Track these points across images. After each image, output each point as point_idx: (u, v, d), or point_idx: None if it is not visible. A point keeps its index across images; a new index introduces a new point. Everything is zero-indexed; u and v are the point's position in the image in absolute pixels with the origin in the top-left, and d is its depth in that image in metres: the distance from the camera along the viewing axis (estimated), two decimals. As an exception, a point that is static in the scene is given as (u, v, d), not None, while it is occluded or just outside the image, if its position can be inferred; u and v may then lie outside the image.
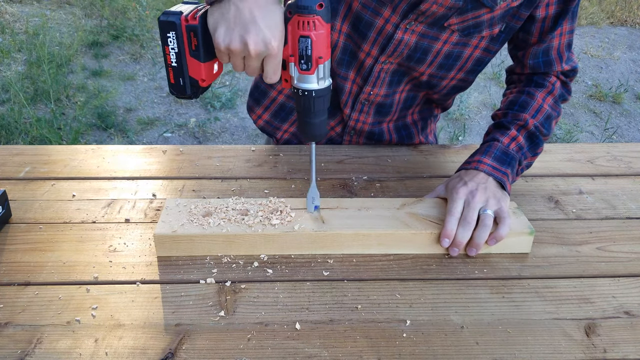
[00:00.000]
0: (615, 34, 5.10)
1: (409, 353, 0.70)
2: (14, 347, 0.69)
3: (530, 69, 1.05)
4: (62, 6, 4.89)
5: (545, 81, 1.04)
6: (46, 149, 1.15)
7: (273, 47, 0.71)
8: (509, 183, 0.93)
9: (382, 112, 1.15)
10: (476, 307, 0.78)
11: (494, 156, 0.95)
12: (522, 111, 1.00)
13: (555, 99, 1.04)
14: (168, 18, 0.72)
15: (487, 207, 0.87)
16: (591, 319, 0.76)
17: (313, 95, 0.74)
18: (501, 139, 0.97)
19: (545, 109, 1.01)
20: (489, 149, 0.96)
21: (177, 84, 0.77)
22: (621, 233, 0.94)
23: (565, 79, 1.06)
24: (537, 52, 1.03)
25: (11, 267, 0.82)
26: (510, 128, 0.99)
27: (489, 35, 1.00)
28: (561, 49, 1.03)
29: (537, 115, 1.00)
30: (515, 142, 0.97)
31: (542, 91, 1.02)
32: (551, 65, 1.04)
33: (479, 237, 0.85)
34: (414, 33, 0.98)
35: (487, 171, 0.92)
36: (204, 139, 3.23)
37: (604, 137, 3.48)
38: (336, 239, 0.86)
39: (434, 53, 1.01)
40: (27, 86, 3.50)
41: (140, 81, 3.80)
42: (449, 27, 0.97)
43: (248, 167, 1.10)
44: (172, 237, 0.83)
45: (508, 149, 0.96)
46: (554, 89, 1.04)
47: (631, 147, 1.23)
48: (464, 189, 0.89)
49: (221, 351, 0.69)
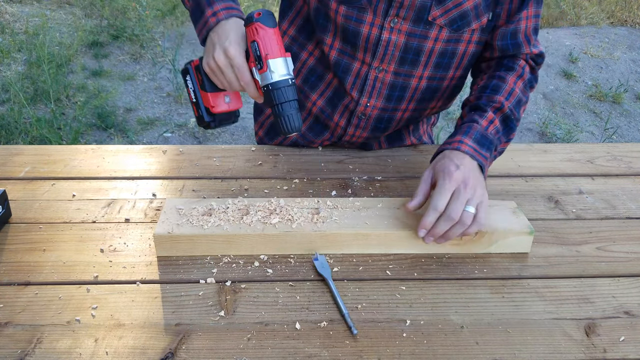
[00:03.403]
0: (615, 34, 5.10)
1: (409, 353, 0.70)
2: (14, 346, 0.69)
3: (500, 51, 1.03)
4: (62, 6, 4.89)
5: (515, 64, 1.03)
6: (46, 149, 1.15)
7: (231, 53, 0.85)
8: (487, 168, 0.92)
9: (379, 127, 1.12)
10: (476, 307, 0.78)
11: (474, 138, 0.92)
12: (495, 94, 0.98)
13: (525, 84, 1.02)
14: (184, 66, 0.94)
15: (471, 202, 0.83)
16: (591, 319, 0.76)
17: (270, 88, 0.84)
18: (480, 121, 0.94)
19: (517, 92, 0.99)
20: (469, 130, 0.93)
21: (198, 115, 0.95)
22: (621, 233, 0.94)
23: (534, 64, 1.06)
24: (506, 34, 1.01)
25: (11, 267, 0.82)
26: (487, 110, 0.96)
27: (479, 27, 0.99)
28: (528, 32, 1.02)
29: (509, 98, 0.98)
30: (493, 125, 0.95)
31: (512, 75, 1.01)
32: (519, 47, 1.03)
33: (454, 233, 0.83)
34: (401, 32, 0.98)
35: (470, 153, 0.89)
36: (204, 139, 3.23)
37: (604, 137, 3.48)
38: (336, 239, 0.86)
39: (426, 53, 1.01)
40: (27, 86, 3.50)
41: (140, 81, 3.80)
42: (434, 21, 0.96)
43: (248, 167, 1.10)
44: (172, 237, 0.83)
45: (487, 132, 0.93)
46: (524, 73, 1.02)
47: (631, 147, 1.23)
48: (457, 174, 0.85)
49: (221, 351, 0.69)
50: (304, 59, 1.11)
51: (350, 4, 0.98)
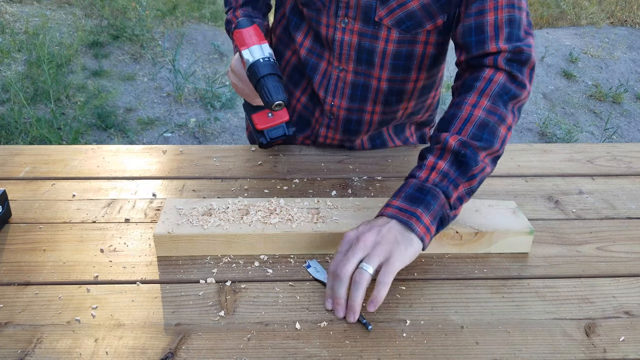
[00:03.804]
0: (615, 34, 5.10)
1: (409, 353, 0.70)
2: (14, 347, 0.69)
3: (465, 50, 0.91)
4: (62, 6, 4.89)
5: (477, 80, 0.87)
6: (46, 149, 1.15)
7: (231, 65, 1.05)
8: (424, 222, 0.77)
9: (350, 129, 1.13)
10: (476, 307, 0.78)
11: (405, 195, 0.80)
12: (444, 130, 0.85)
13: (494, 100, 0.85)
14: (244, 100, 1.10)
15: (369, 260, 0.73)
16: (591, 319, 0.76)
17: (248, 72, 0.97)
18: (417, 174, 0.82)
19: (477, 116, 0.83)
20: (402, 188, 0.82)
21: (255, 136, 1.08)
22: (621, 233, 0.94)
23: (511, 68, 0.87)
24: (469, 30, 0.90)
25: (11, 267, 0.82)
26: (426, 157, 0.84)
27: (434, 29, 0.98)
28: (499, 25, 0.87)
29: (464, 129, 0.83)
30: (437, 172, 0.81)
31: (471, 95, 0.86)
32: (484, 44, 0.88)
33: (352, 297, 0.72)
34: (353, 33, 1.00)
35: (390, 214, 0.78)
36: (204, 139, 3.23)
37: (604, 137, 3.48)
38: (336, 238, 0.86)
39: (379, 54, 1.01)
40: (27, 86, 3.50)
41: (140, 81, 3.80)
42: (381, 22, 0.97)
43: (248, 167, 1.10)
44: (172, 237, 0.83)
45: (425, 184, 0.80)
46: (488, 87, 0.85)
47: (631, 147, 1.23)
48: (351, 233, 0.77)
49: (221, 351, 0.69)
50: (288, 57, 1.15)
51: (309, 6, 1.02)
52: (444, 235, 0.86)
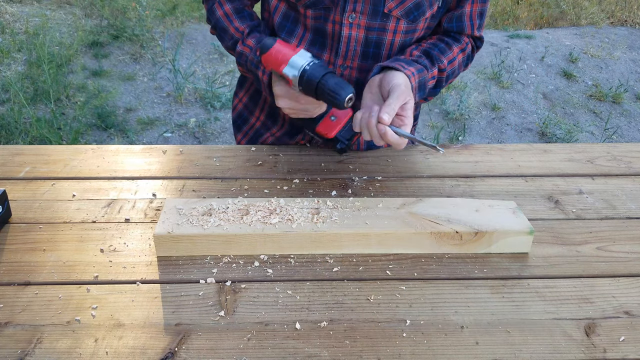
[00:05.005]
0: (615, 34, 5.10)
1: (409, 353, 0.70)
2: (14, 346, 0.69)
3: (444, 31, 1.10)
4: (62, 6, 4.89)
5: (461, 38, 1.10)
6: (46, 149, 1.15)
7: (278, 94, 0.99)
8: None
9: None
10: (476, 307, 0.78)
11: (418, 81, 0.99)
12: (442, 54, 1.05)
13: (464, 59, 1.10)
14: None
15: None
16: (591, 319, 0.76)
17: (301, 87, 0.92)
18: (429, 70, 1.02)
19: (456, 63, 1.08)
20: (421, 71, 1.01)
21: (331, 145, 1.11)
22: (621, 233, 0.94)
23: (474, 46, 1.13)
24: (453, 17, 1.07)
25: (11, 267, 0.82)
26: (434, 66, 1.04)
27: (430, 15, 1.03)
28: (474, 16, 1.07)
29: (449, 65, 1.06)
30: (432, 82, 1.04)
31: (457, 46, 1.08)
32: (463, 29, 1.08)
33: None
34: (360, 27, 1.00)
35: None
36: (204, 139, 3.23)
37: (604, 137, 3.48)
38: (336, 238, 0.86)
39: (387, 46, 1.03)
40: (27, 86, 3.50)
41: (140, 81, 3.80)
42: (390, 13, 0.98)
43: (248, 167, 1.10)
44: (172, 237, 0.83)
45: (427, 83, 1.02)
46: (466, 48, 1.10)
47: (631, 147, 1.23)
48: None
49: (221, 351, 0.69)
50: None
51: (315, 6, 1.01)
52: (444, 235, 0.86)
